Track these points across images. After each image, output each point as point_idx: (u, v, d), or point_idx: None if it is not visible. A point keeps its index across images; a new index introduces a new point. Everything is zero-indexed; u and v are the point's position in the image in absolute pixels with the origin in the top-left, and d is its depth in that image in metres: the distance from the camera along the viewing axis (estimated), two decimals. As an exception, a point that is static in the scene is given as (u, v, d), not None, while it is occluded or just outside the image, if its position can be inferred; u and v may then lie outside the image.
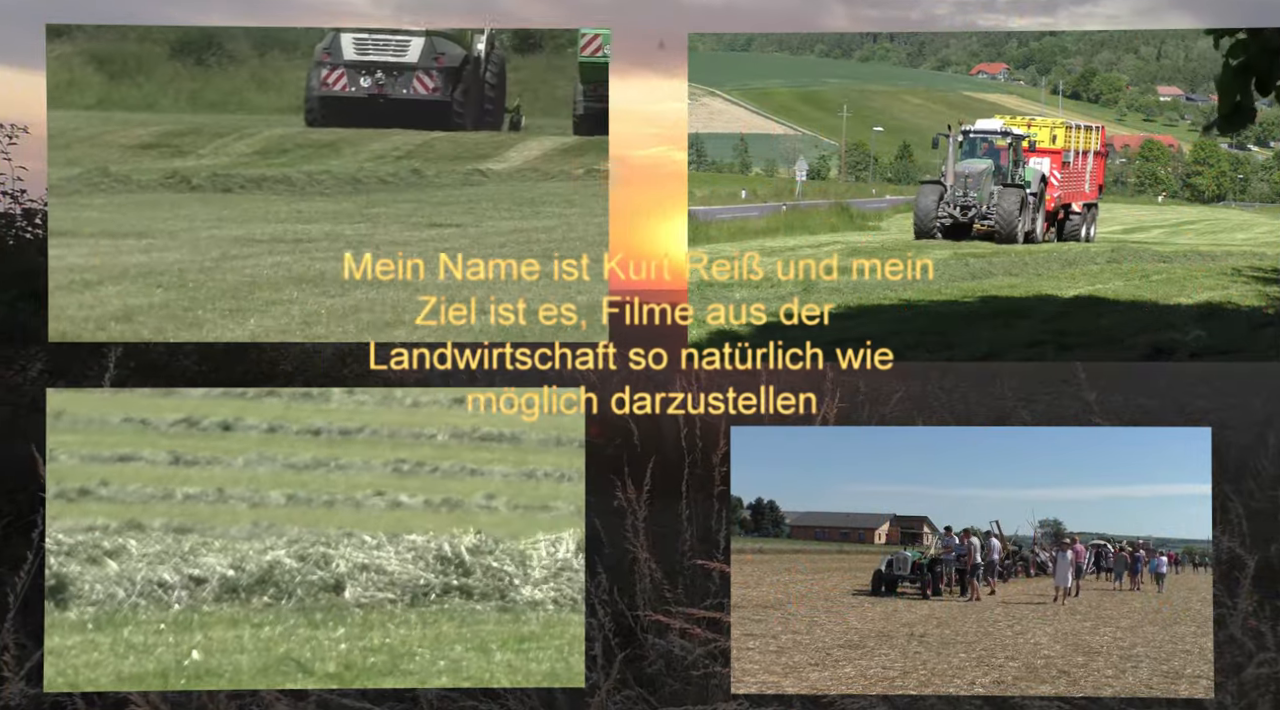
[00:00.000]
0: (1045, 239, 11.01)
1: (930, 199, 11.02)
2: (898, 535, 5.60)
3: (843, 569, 5.68)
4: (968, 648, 4.83)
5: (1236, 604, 4.88)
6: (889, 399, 8.00)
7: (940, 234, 10.77)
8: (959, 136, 11.64)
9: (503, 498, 5.93)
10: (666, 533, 5.99)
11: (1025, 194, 10.98)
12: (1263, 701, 4.66)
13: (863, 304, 6.34)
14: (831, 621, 5.15)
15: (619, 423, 6.60)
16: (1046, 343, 6.27)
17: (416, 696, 4.89)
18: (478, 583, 5.14)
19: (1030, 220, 11.00)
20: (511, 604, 5.10)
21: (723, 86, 13.56)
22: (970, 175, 11.07)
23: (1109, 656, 4.75)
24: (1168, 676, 4.57)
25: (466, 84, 10.57)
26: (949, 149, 11.59)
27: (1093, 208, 11.34)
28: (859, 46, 13.85)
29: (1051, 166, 11.33)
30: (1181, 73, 12.97)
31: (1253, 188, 11.03)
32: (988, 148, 11.53)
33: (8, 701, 4.55)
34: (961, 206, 10.86)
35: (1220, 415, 9.68)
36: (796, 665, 4.63)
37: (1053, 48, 12.54)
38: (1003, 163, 11.41)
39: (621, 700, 4.88)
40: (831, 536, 5.69)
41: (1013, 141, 11.50)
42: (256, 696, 4.70)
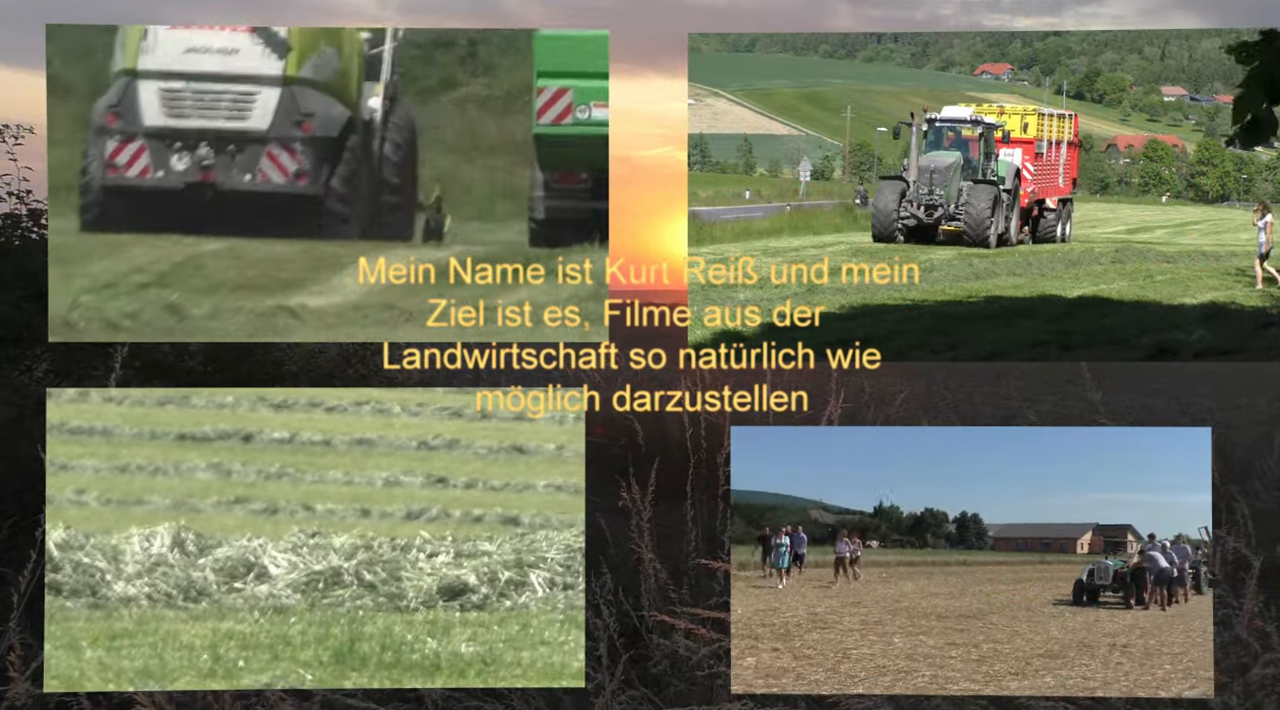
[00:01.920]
0: (1019, 240, 10.16)
1: (890, 197, 9.97)
2: (1100, 544, 5.49)
3: (1044, 579, 5.61)
4: (1173, 660, 4.75)
5: (1242, 604, 4.87)
6: (894, 399, 8.00)
7: (902, 236, 9.82)
8: (923, 125, 10.79)
9: (93, 492, 5.79)
10: (671, 533, 6.00)
11: (998, 190, 10.05)
12: (1269, 702, 4.65)
13: (866, 304, 6.35)
14: (1032, 631, 5.07)
15: (623, 424, 6.61)
16: (1050, 343, 6.26)
17: (420, 696, 4.89)
18: (67, 579, 5.05)
19: (1003, 220, 10.02)
20: (103, 601, 5.04)
21: (726, 87, 13.55)
22: (936, 170, 10.15)
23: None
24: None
25: (350, 164, 6.81)
26: (912, 140, 10.73)
27: (1067, 204, 10.59)
28: (863, 47, 13.84)
29: (1024, 158, 10.46)
30: (1186, 73, 12.94)
31: (1257, 188, 10.94)
32: (955, 138, 10.62)
33: (13, 702, 4.55)
34: (926, 205, 9.89)
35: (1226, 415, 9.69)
36: (997, 674, 4.62)
37: (1057, 48, 12.45)
38: (973, 155, 10.46)
39: (626, 700, 4.88)
40: (1033, 547, 5.66)
41: (984, 131, 10.58)
42: (261, 696, 4.71)
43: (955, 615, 4.98)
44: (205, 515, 5.65)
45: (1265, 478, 7.64)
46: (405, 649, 4.83)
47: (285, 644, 4.85)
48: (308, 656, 4.79)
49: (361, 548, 5.36)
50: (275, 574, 5.22)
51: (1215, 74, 12.21)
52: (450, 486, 6.32)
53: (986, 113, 10.67)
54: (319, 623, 5.00)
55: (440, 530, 5.55)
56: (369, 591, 5.18)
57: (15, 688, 4.53)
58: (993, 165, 10.39)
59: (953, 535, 5.11)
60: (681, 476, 6.14)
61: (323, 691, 4.70)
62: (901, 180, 10.12)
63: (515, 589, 5.18)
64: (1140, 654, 4.77)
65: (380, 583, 5.21)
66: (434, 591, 5.18)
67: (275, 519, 5.75)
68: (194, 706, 4.79)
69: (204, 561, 5.25)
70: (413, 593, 5.17)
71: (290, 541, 5.40)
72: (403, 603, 5.14)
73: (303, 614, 5.05)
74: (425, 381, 6.84)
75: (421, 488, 6.23)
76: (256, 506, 5.84)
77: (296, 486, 6.05)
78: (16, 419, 7.49)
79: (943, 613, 4.89)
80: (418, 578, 5.23)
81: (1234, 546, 5.13)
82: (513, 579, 5.21)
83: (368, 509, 5.90)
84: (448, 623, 5.04)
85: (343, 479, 6.23)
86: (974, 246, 9.56)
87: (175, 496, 5.70)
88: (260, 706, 4.73)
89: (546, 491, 5.59)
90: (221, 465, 5.93)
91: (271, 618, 5.03)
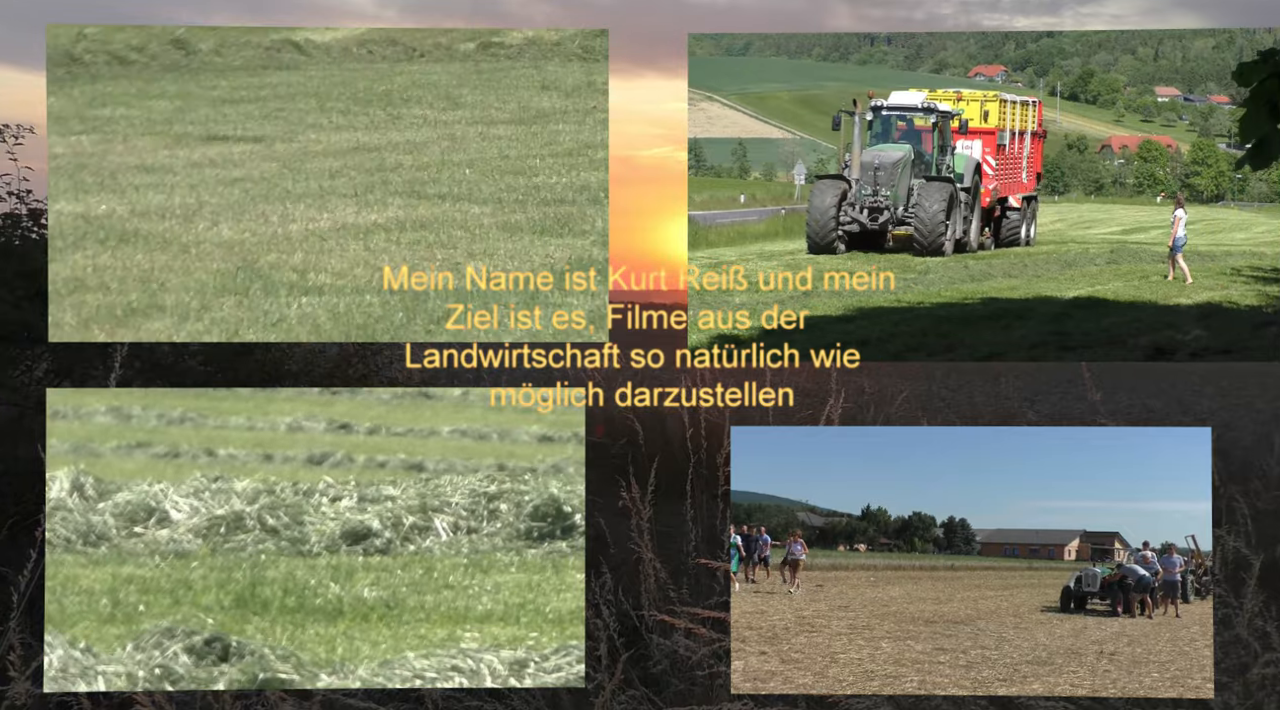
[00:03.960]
0: (980, 244, 8.89)
1: (828, 198, 8.60)
2: (1088, 551, 5.48)
3: (1032, 585, 5.64)
4: (1161, 668, 4.74)
5: (1243, 604, 4.88)
6: (894, 399, 8.01)
7: (844, 245, 8.52)
8: (868, 114, 9.47)
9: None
10: (671, 532, 6.01)
11: (954, 189, 8.69)
12: (1269, 702, 4.66)
13: (862, 307, 6.36)
14: (1020, 638, 5.07)
15: (624, 423, 6.62)
16: (1048, 344, 6.27)
17: (422, 696, 4.88)
18: None
19: (962, 223, 8.68)
20: None
21: (721, 90, 13.54)
22: (881, 166, 8.84)
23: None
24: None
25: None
26: (855, 132, 9.36)
27: (1032, 202, 9.45)
28: (857, 49, 13.83)
29: (985, 151, 9.19)
30: (1179, 73, 12.96)
31: (1251, 187, 10.92)
32: (905, 129, 9.25)
33: (13, 701, 4.54)
34: (870, 208, 8.56)
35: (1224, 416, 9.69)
36: (985, 680, 4.62)
37: (1050, 49, 12.42)
38: (925, 148, 9.09)
39: (626, 700, 4.88)
40: (1021, 553, 5.66)
41: (938, 120, 9.16)
42: (261, 696, 4.70)
43: (943, 620, 4.98)
44: (105, 460, 5.58)
45: (1266, 478, 7.65)
46: (308, 593, 4.78)
47: (186, 588, 4.81)
48: (209, 601, 4.75)
49: (263, 492, 5.31)
50: (176, 519, 5.17)
51: (1209, 74, 12.24)
52: (354, 432, 6.29)
53: (942, 99, 9.36)
54: (220, 568, 4.95)
55: (344, 475, 5.52)
56: (271, 536, 5.12)
57: (15, 688, 4.52)
58: (948, 160, 9.11)
59: (940, 540, 5.11)
60: (681, 476, 6.14)
61: (323, 691, 4.69)
62: (842, 179, 8.85)
63: (419, 533, 5.15)
64: (1128, 662, 4.78)
65: (283, 527, 5.16)
66: (337, 536, 5.13)
67: (177, 463, 5.70)
68: (194, 706, 4.77)
69: (103, 506, 5.19)
70: (315, 537, 5.12)
71: (192, 486, 5.35)
72: (305, 547, 5.09)
73: (204, 558, 5.01)
74: (433, 381, 6.86)
75: (324, 433, 6.18)
76: (158, 451, 5.77)
77: (199, 431, 6.00)
78: (17, 419, 7.48)
79: (930, 618, 4.89)
80: (320, 522, 5.19)
81: (1234, 546, 5.15)
82: (417, 524, 5.18)
83: (270, 454, 5.83)
84: (350, 567, 5.00)
85: (245, 424, 6.17)
86: (927, 255, 8.32)
87: (75, 440, 5.62)
88: (260, 706, 4.71)
89: (451, 437, 5.56)
90: (121, 409, 5.89)
91: (173, 562, 4.99)
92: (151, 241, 5.56)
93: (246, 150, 7.02)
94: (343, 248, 5.48)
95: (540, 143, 7.16)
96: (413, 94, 8.16)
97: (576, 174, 6.37)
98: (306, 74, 8.23)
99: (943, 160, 8.99)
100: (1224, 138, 11.09)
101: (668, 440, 6.79)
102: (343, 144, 7.31)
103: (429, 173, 6.68)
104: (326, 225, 5.81)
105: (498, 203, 6.10)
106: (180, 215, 5.92)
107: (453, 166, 6.76)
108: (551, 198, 6.14)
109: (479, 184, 6.39)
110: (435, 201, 6.16)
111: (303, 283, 5.28)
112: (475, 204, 6.09)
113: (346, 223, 5.87)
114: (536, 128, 7.47)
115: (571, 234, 5.47)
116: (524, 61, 8.13)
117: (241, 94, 7.93)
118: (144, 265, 5.30)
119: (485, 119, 7.81)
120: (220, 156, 6.90)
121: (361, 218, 5.92)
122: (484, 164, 6.82)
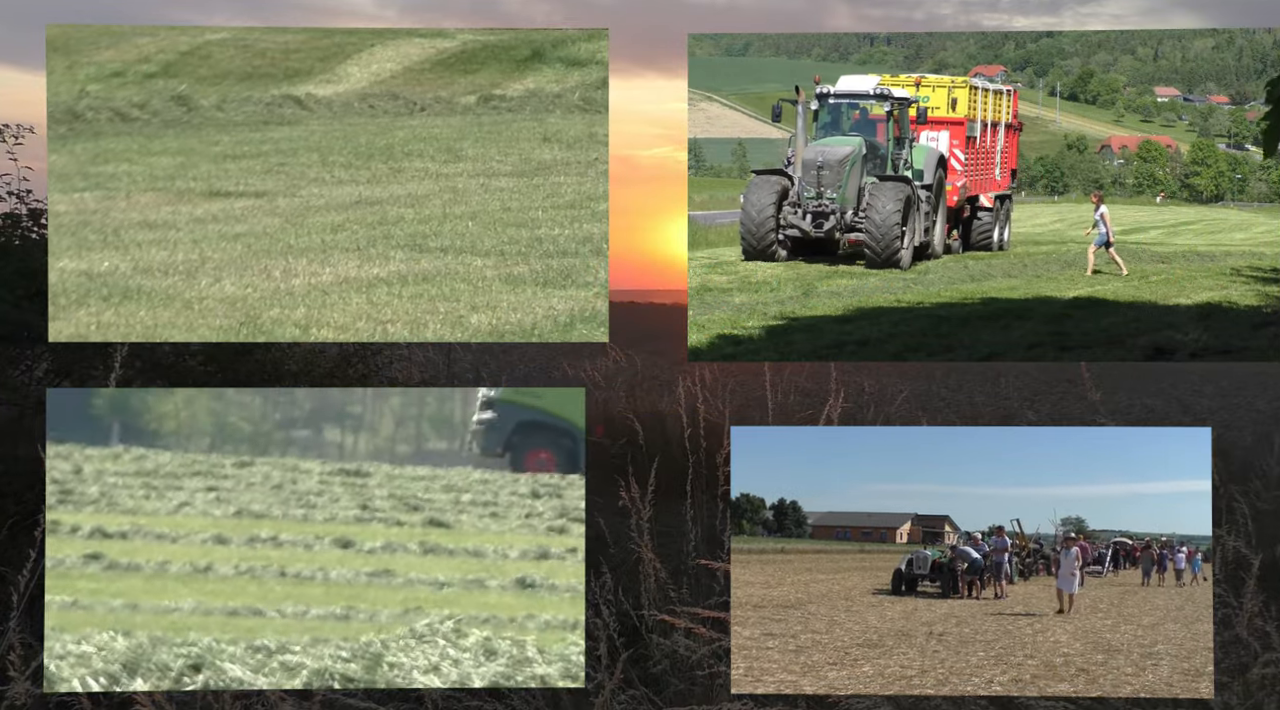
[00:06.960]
0: (946, 247, 7.86)
1: (765, 197, 7.61)
2: (919, 535, 5.53)
3: (864, 568, 5.67)
4: (986, 646, 4.80)
5: (1243, 604, 4.88)
6: (894, 399, 8.01)
7: (784, 251, 7.40)
8: (813, 103, 8.44)
9: None
10: (671, 532, 6.01)
11: (911, 189, 7.61)
12: (1269, 702, 4.66)
13: (862, 307, 6.36)
14: (851, 621, 5.13)
15: (623, 423, 6.63)
16: (1047, 344, 6.28)
17: (422, 697, 4.88)
18: None
19: (921, 228, 7.56)
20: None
21: (720, 91, 13.54)
22: (826, 164, 7.75)
23: (1129, 654, 4.73)
24: (1188, 675, 4.55)
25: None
26: (799, 123, 8.29)
27: (1006, 201, 8.48)
28: (856, 49, 13.83)
29: (952, 144, 8.15)
30: (1179, 73, 12.97)
31: (1251, 188, 10.92)
32: (859, 118, 8.18)
33: (13, 701, 4.54)
34: (813, 213, 7.47)
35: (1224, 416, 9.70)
36: (815, 664, 4.63)
37: (1050, 49, 12.41)
38: (879, 141, 7.99)
39: (626, 700, 4.88)
40: (853, 536, 5.68)
41: (894, 108, 8.02)
42: (261, 696, 4.70)
43: (772, 605, 4.95)
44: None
45: (1266, 478, 7.65)
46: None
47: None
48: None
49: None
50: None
51: (1208, 74, 12.25)
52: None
53: (899, 84, 8.17)
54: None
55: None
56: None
57: (15, 688, 4.52)
58: (906, 154, 7.95)
59: (770, 522, 5.10)
60: (681, 476, 6.15)
61: (323, 691, 4.69)
62: (783, 175, 7.83)
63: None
64: (955, 642, 4.82)
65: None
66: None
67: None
68: (194, 706, 4.77)
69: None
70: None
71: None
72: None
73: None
74: (433, 381, 6.88)
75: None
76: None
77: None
78: (17, 419, 7.48)
79: (759, 602, 4.88)
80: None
81: (1234, 546, 5.15)
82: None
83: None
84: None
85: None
86: (881, 267, 7.16)
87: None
88: (260, 706, 4.71)
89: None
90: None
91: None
92: (155, 298, 5.60)
93: (249, 205, 7.07)
94: (345, 301, 5.53)
95: (542, 195, 7.23)
96: (414, 147, 8.20)
97: (579, 226, 6.46)
98: (308, 128, 8.28)
99: (899, 154, 7.95)
100: (1223, 138, 11.09)
101: (668, 440, 6.79)
102: (345, 198, 7.39)
103: (431, 226, 6.78)
104: (329, 279, 5.87)
105: (500, 255, 6.17)
106: (183, 271, 5.98)
107: (455, 219, 6.86)
108: (554, 250, 6.22)
109: (481, 236, 6.46)
110: (437, 254, 6.24)
111: (305, 338, 5.32)
112: (478, 256, 6.16)
113: (349, 276, 5.93)
114: (538, 180, 7.55)
115: (574, 285, 5.52)
116: (525, 114, 8.20)
117: (243, 149, 8.00)
118: (147, 322, 5.33)
119: (487, 171, 7.90)
120: (222, 212, 6.96)
121: (364, 271, 6.00)
122: (486, 216, 6.90)
